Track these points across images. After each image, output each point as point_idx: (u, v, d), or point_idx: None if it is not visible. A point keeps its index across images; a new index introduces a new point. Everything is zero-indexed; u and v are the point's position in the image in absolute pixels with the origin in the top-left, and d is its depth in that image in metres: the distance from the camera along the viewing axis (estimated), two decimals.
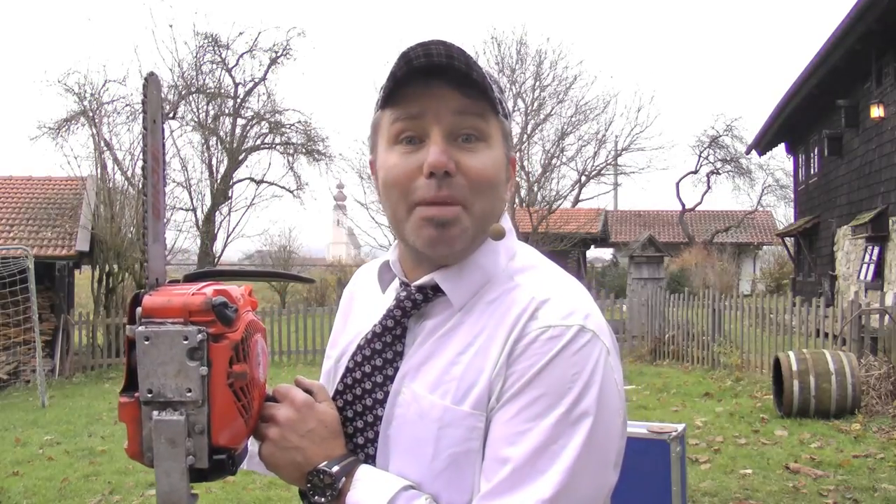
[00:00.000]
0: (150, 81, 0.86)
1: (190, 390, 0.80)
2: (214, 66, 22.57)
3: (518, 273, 0.96)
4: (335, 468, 0.90)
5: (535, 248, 1.03)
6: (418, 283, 0.97)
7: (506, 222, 0.99)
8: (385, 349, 0.97)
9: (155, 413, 0.80)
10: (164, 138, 0.89)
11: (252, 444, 1.02)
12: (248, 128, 23.01)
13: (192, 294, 0.81)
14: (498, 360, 0.89)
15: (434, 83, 0.91)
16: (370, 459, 0.95)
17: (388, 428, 0.94)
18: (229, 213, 22.28)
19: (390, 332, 0.97)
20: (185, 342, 0.79)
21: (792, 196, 21.89)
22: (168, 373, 0.80)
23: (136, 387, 0.81)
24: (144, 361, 0.80)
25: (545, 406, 0.85)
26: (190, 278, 0.90)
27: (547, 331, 0.88)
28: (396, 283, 1.03)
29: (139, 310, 0.81)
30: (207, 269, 0.93)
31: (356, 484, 0.90)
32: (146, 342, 0.80)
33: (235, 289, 0.87)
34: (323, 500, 0.90)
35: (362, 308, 1.07)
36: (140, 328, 0.80)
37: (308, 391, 0.97)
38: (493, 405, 0.88)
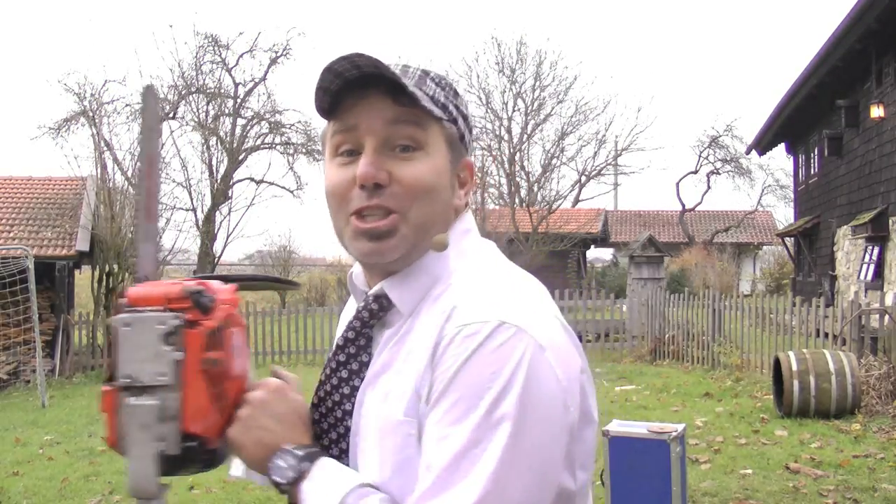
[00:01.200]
0: (148, 93, 0.90)
1: (163, 375, 0.81)
2: (214, 66, 22.61)
3: (455, 275, 0.93)
4: (300, 452, 0.90)
5: (494, 247, 1.01)
6: (372, 291, 0.97)
7: (465, 223, 0.98)
8: (350, 360, 0.97)
9: (130, 399, 0.81)
10: (161, 144, 0.99)
11: None
12: (248, 128, 23.03)
13: (172, 284, 0.84)
14: (423, 364, 0.87)
15: (369, 94, 0.92)
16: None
17: (357, 438, 0.93)
18: (229, 213, 22.31)
19: (353, 343, 0.97)
20: (161, 327, 0.81)
21: (792, 196, 21.89)
22: (144, 357, 0.81)
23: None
24: (123, 347, 0.81)
25: (464, 409, 0.81)
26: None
27: (462, 329, 0.84)
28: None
29: (122, 300, 0.84)
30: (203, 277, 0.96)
31: (314, 474, 0.89)
32: (125, 328, 0.81)
33: (218, 283, 0.90)
34: (283, 481, 0.89)
35: (344, 317, 1.07)
36: (121, 315, 0.82)
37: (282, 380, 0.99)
38: (424, 411, 0.86)
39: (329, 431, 0.96)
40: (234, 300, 0.91)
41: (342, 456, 0.94)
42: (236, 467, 1.07)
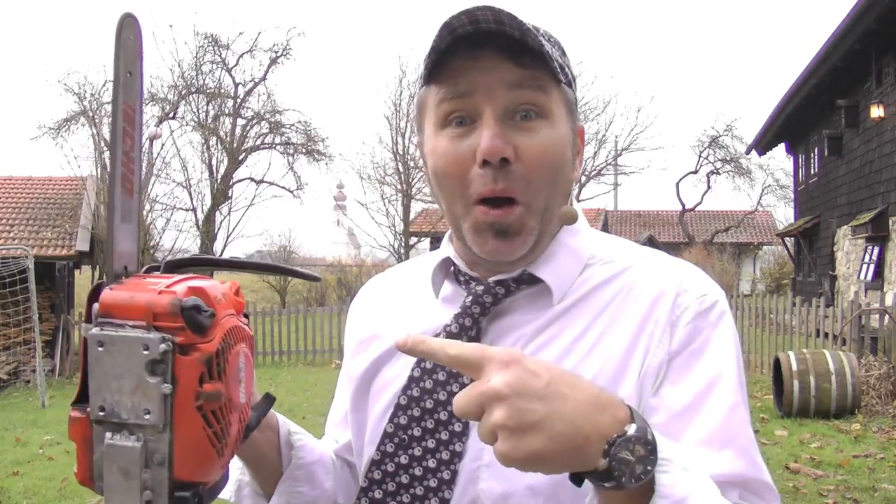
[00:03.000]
0: (125, 24, 0.68)
1: (149, 412, 0.63)
2: (214, 66, 22.63)
3: (619, 255, 0.88)
4: (637, 432, 0.63)
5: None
6: (500, 277, 0.86)
7: (576, 205, 0.90)
8: None
9: (108, 436, 0.64)
10: (142, 96, 0.70)
11: (241, 473, 0.91)
12: (248, 128, 23.04)
13: (160, 292, 0.64)
14: (649, 345, 0.80)
15: (483, 54, 0.79)
16: (454, 478, 0.81)
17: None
18: (229, 213, 22.33)
19: (467, 332, 0.85)
20: (146, 352, 0.62)
21: (792, 196, 21.90)
22: (124, 388, 0.63)
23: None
24: (97, 371, 0.63)
25: (725, 374, 0.80)
26: (171, 266, 0.74)
27: (702, 301, 0.83)
28: (447, 286, 0.92)
29: (95, 306, 0.65)
30: (194, 256, 0.77)
31: (666, 465, 0.64)
32: (99, 348, 0.63)
33: (217, 286, 0.70)
34: (633, 482, 0.62)
35: (405, 312, 0.94)
36: (94, 329, 0.64)
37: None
38: (649, 393, 0.79)
39: (425, 437, 0.83)
40: (239, 304, 0.73)
41: (454, 459, 0.81)
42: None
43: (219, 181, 21.66)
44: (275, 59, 22.82)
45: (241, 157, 22.47)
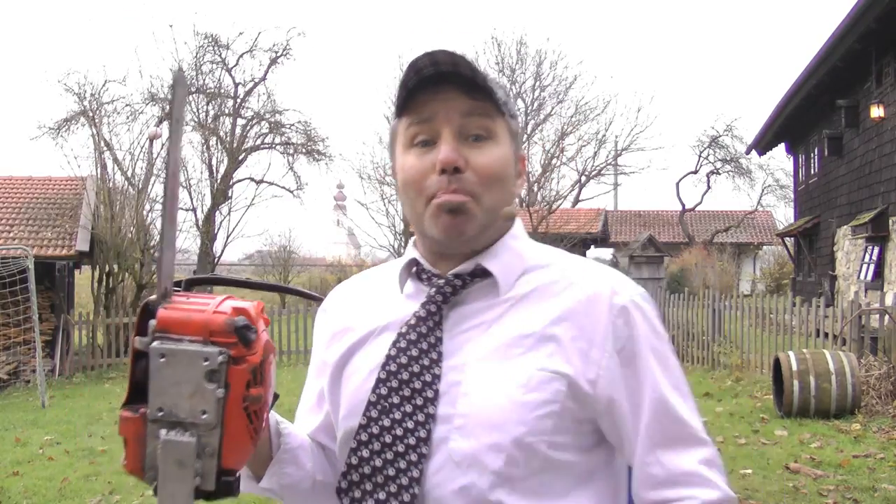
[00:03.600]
0: (177, 80, 0.82)
1: (205, 412, 0.76)
2: (214, 66, 22.63)
3: (554, 260, 1.07)
4: None
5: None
6: (458, 270, 1.03)
7: (517, 221, 1.10)
8: (428, 334, 1.01)
9: (163, 432, 0.76)
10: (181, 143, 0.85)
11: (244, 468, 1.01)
12: (248, 128, 23.04)
13: (213, 312, 0.78)
14: (593, 337, 0.98)
15: (443, 89, 0.99)
16: (428, 437, 0.96)
17: (453, 406, 0.96)
18: (229, 213, 22.33)
19: (432, 317, 1.02)
20: (205, 364, 0.75)
21: (792, 196, 21.89)
22: (183, 393, 0.76)
23: (140, 401, 0.77)
24: (158, 379, 0.76)
25: (665, 359, 1.03)
26: (193, 283, 0.89)
27: (632, 301, 1.02)
28: (409, 284, 1.09)
29: (152, 322, 0.77)
30: (211, 276, 0.92)
31: None
32: (161, 359, 0.76)
33: (251, 306, 0.82)
34: None
35: (373, 306, 1.10)
36: (156, 343, 0.76)
37: None
38: (600, 388, 0.97)
39: (403, 404, 0.98)
40: (266, 321, 0.87)
41: (427, 421, 0.96)
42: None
43: (219, 181, 21.66)
44: (275, 59, 22.83)
45: (241, 157, 22.46)
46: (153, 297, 0.80)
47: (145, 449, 0.77)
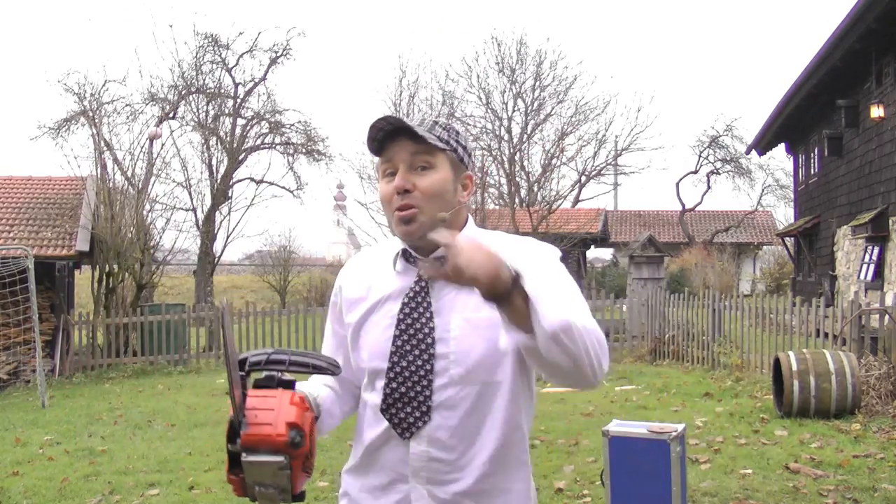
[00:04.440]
0: (224, 313, 1.36)
1: (279, 482, 1.27)
2: (214, 66, 22.60)
3: (493, 241, 1.49)
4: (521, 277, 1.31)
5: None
6: (434, 255, 1.47)
7: (469, 220, 1.59)
8: (422, 301, 1.51)
9: (257, 488, 1.28)
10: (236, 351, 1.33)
11: None
12: (248, 128, 23.00)
13: (277, 434, 1.24)
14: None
15: (399, 137, 1.49)
16: (433, 369, 1.47)
17: (447, 346, 1.47)
18: (229, 213, 22.26)
19: (423, 290, 1.52)
20: (278, 462, 1.25)
21: (792, 196, 21.89)
22: (265, 475, 1.26)
23: (237, 466, 1.27)
24: (251, 471, 1.26)
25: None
26: (246, 365, 1.35)
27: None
28: (400, 263, 1.55)
29: (239, 441, 1.25)
30: (268, 364, 1.35)
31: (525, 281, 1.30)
32: (251, 465, 1.25)
33: (296, 414, 1.28)
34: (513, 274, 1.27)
35: (376, 280, 1.58)
36: (244, 456, 1.25)
37: None
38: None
39: (413, 349, 1.49)
40: (306, 406, 1.33)
41: (430, 359, 1.47)
42: None
43: (219, 181, 21.62)
44: (275, 59, 22.80)
45: (241, 157, 22.42)
46: (232, 415, 1.26)
47: (248, 489, 1.29)
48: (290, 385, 1.34)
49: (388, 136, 1.49)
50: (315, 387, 1.59)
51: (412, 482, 1.49)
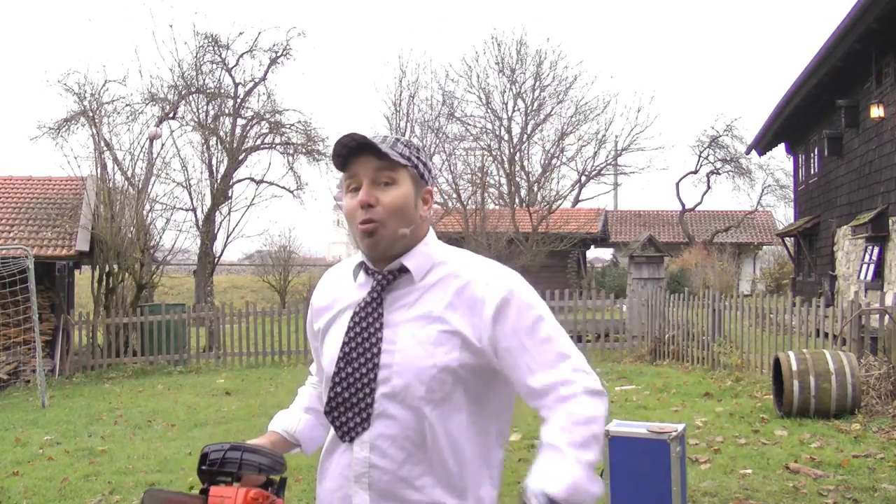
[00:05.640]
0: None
1: None
2: (214, 66, 22.56)
3: (451, 259, 1.58)
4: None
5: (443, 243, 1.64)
6: (389, 267, 1.55)
7: (432, 232, 1.62)
8: (373, 311, 1.55)
9: None
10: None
11: None
12: (248, 128, 22.97)
13: None
14: (475, 314, 1.50)
15: (362, 153, 1.53)
16: (376, 378, 1.50)
17: (391, 357, 1.50)
18: (229, 213, 22.22)
19: (375, 301, 1.56)
20: None
21: (792, 196, 21.89)
22: None
23: None
24: None
25: (540, 324, 1.51)
26: (218, 480, 1.49)
27: (509, 292, 1.51)
28: (361, 275, 1.60)
29: None
30: (222, 464, 1.49)
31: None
32: None
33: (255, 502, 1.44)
34: None
35: (340, 292, 1.64)
36: None
37: None
38: (484, 341, 1.49)
39: (360, 357, 1.52)
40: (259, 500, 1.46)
41: (374, 368, 1.51)
42: None
43: (219, 181, 21.60)
44: (275, 59, 22.77)
45: (241, 157, 22.40)
46: None
47: None
48: (268, 475, 1.51)
49: (352, 152, 1.53)
50: (292, 419, 1.73)
51: (354, 487, 1.51)
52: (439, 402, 1.47)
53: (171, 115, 21.65)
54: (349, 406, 1.52)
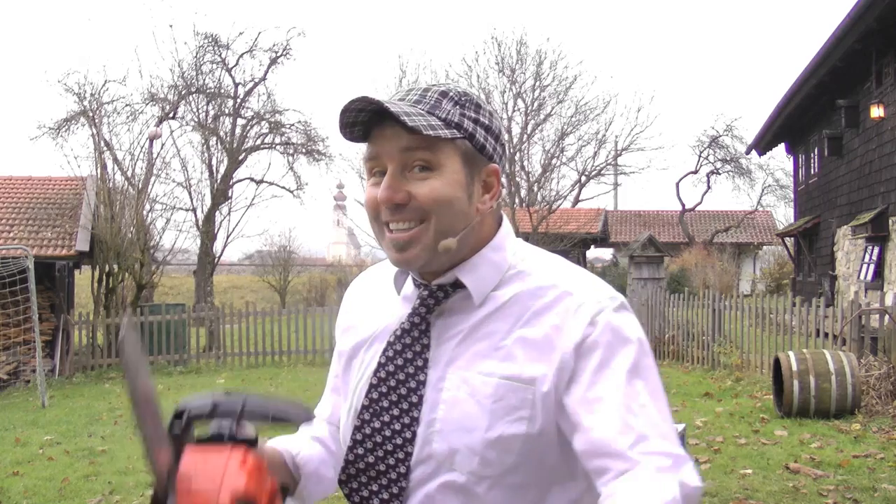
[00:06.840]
0: (124, 337, 1.09)
1: None
2: (214, 66, 22.57)
3: (536, 269, 1.10)
4: None
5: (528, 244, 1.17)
6: (438, 281, 1.09)
7: (507, 226, 1.14)
8: (414, 343, 1.08)
9: None
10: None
11: None
12: (248, 128, 22.99)
13: (222, 488, 0.90)
14: (560, 350, 1.02)
15: (388, 124, 1.03)
16: (413, 438, 1.05)
17: (434, 411, 1.04)
18: (229, 213, 22.24)
19: (417, 327, 1.09)
20: None
21: (792, 196, 21.88)
22: None
23: None
24: None
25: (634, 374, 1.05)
26: (202, 438, 0.98)
27: (607, 320, 1.05)
28: (409, 284, 1.13)
29: None
30: (216, 415, 0.99)
31: None
32: None
33: (252, 472, 0.94)
34: None
35: (377, 306, 1.18)
36: None
37: None
38: (563, 385, 1.02)
39: (391, 408, 1.08)
40: (271, 483, 0.99)
41: (413, 424, 1.06)
42: None
43: (219, 181, 21.61)
44: (275, 59, 22.78)
45: (241, 157, 22.41)
46: (156, 488, 0.94)
47: None
48: (253, 443, 0.98)
49: (373, 118, 1.05)
50: (298, 442, 1.21)
51: None
52: (501, 479, 1.03)
53: (171, 115, 21.65)
54: (374, 475, 1.07)
